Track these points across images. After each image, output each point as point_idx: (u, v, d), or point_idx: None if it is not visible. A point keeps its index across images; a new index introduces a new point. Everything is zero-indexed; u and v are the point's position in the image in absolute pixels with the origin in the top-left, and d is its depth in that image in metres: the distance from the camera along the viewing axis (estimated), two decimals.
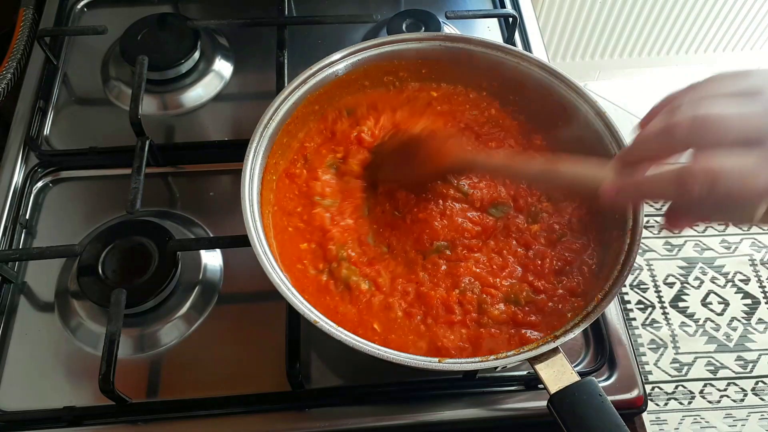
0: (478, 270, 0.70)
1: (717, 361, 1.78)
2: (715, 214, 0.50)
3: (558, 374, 0.56)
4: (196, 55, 0.93)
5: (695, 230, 1.99)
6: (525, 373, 0.70)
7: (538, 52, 0.98)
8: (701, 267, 1.93)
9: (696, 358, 1.79)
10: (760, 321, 1.84)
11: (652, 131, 0.48)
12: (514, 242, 0.72)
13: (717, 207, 0.46)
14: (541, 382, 0.56)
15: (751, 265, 1.94)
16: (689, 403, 1.73)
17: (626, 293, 1.88)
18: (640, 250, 0.63)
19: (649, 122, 0.49)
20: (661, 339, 1.81)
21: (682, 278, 1.91)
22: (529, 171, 0.66)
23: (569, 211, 0.74)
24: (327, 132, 0.79)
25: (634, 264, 0.62)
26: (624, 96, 2.26)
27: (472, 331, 0.66)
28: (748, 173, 0.43)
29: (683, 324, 1.84)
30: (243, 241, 0.63)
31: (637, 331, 1.82)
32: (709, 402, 1.73)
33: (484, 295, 0.68)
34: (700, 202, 0.45)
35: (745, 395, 1.74)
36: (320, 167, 0.76)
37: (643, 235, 0.63)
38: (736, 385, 1.75)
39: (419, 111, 0.81)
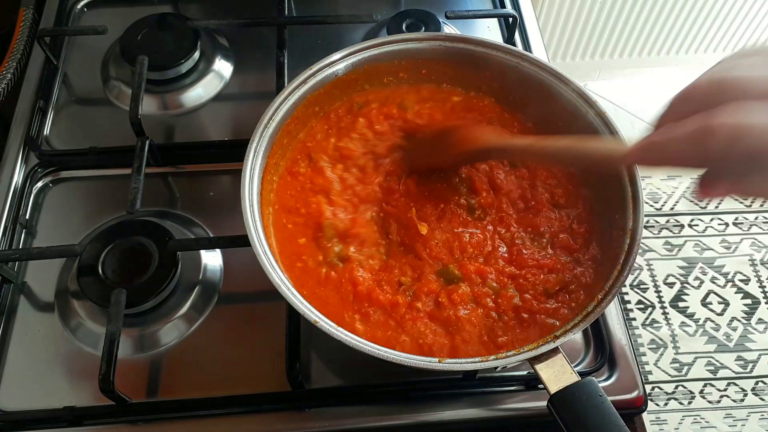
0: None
1: (717, 361, 1.78)
2: (743, 179, 0.44)
3: (558, 374, 0.56)
4: (196, 55, 0.93)
5: (695, 230, 1.99)
6: (525, 373, 0.70)
7: (538, 52, 0.98)
8: (701, 267, 1.93)
9: (696, 358, 1.79)
10: (760, 321, 1.84)
11: (675, 96, 0.46)
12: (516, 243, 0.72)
13: (742, 168, 0.42)
14: (541, 382, 0.56)
15: (751, 265, 1.94)
16: (689, 403, 1.73)
17: (626, 293, 1.87)
18: (640, 250, 0.63)
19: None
20: (661, 339, 1.81)
21: (682, 278, 1.91)
22: (554, 148, 0.65)
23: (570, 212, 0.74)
24: (333, 130, 0.78)
25: (634, 264, 0.62)
26: (624, 96, 2.26)
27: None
28: None
29: (683, 324, 1.83)
30: (243, 241, 0.63)
31: (637, 331, 1.82)
32: (709, 402, 1.73)
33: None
34: (723, 161, 0.42)
35: (745, 395, 1.74)
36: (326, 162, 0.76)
37: (643, 235, 0.63)
38: (736, 385, 1.75)
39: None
